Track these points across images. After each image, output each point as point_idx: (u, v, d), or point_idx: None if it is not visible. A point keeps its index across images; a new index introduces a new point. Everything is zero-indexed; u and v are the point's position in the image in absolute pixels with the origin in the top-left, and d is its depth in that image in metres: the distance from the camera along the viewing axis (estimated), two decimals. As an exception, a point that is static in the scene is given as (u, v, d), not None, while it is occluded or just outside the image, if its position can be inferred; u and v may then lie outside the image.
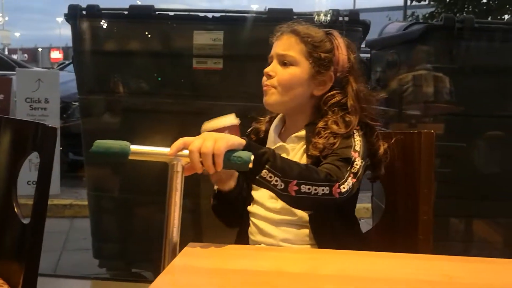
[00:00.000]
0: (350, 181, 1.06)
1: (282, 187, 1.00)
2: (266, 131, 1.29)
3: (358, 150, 1.12)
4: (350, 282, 0.86)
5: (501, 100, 2.42)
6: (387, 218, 1.36)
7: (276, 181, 0.99)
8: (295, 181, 1.00)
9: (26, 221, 1.24)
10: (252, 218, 1.23)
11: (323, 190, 1.02)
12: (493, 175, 2.42)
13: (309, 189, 1.00)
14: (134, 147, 0.97)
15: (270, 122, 1.30)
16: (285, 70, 1.20)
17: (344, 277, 0.88)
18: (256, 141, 1.24)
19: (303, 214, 1.16)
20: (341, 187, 1.04)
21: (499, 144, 2.43)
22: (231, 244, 1.08)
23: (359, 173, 1.09)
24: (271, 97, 1.21)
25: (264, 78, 1.23)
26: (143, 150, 0.99)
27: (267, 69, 1.22)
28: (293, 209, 1.15)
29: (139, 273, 2.54)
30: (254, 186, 1.21)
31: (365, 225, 2.19)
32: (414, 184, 1.27)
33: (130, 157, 0.96)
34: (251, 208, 1.24)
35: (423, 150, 1.26)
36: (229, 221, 1.30)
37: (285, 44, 1.21)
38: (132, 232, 2.44)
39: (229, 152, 0.97)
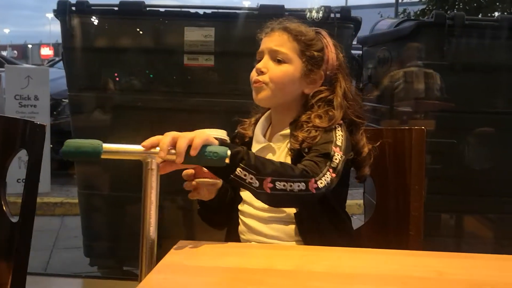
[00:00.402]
0: (328, 176, 1.05)
1: (257, 184, 0.99)
2: (251, 135, 1.28)
3: (340, 145, 1.12)
4: (340, 279, 0.86)
5: (491, 97, 2.44)
6: (378, 214, 1.36)
7: (251, 178, 0.99)
8: (269, 178, 0.99)
9: (14, 219, 1.23)
10: (241, 217, 1.23)
11: (298, 186, 1.01)
12: (483, 171, 2.44)
13: (284, 185, 1.00)
14: (106, 146, 0.95)
15: (256, 124, 1.28)
16: (278, 67, 1.19)
17: (334, 274, 0.88)
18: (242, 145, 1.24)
19: (291, 211, 1.16)
20: (318, 182, 1.03)
21: (489, 141, 2.45)
22: (221, 242, 1.08)
23: (338, 167, 1.08)
24: (263, 93, 1.20)
25: (254, 73, 1.21)
26: (116, 148, 0.97)
27: (259, 65, 1.20)
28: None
29: (131, 271, 2.53)
30: None
31: (357, 221, 2.20)
32: (405, 180, 1.27)
33: (103, 156, 0.95)
34: (241, 207, 1.23)
35: (414, 146, 1.27)
36: (215, 224, 1.30)
37: (277, 41, 1.20)
38: (123, 230, 2.43)
39: (205, 147, 0.96)
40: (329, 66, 1.22)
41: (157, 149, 0.96)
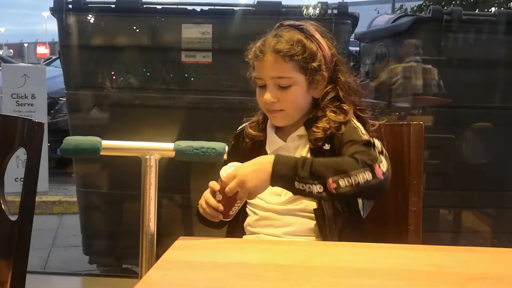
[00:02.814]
0: (382, 159, 1.05)
1: (322, 189, 1.01)
2: (262, 131, 1.26)
3: (365, 133, 1.13)
4: (341, 273, 0.86)
5: (488, 92, 2.44)
6: (377, 210, 1.36)
7: (312, 187, 1.01)
8: (330, 179, 1.01)
9: (13, 218, 1.22)
10: (254, 210, 1.20)
11: (364, 177, 1.01)
12: (481, 166, 2.45)
13: (348, 181, 1.01)
14: (105, 143, 0.95)
15: (264, 123, 1.27)
16: (287, 93, 1.17)
17: (335, 268, 0.88)
18: (253, 146, 1.23)
19: (310, 202, 1.15)
20: (381, 165, 1.03)
21: (487, 135, 2.46)
22: (221, 237, 1.08)
23: (383, 150, 1.08)
24: (282, 120, 1.20)
25: (263, 101, 1.19)
26: (115, 145, 0.98)
27: (267, 97, 1.17)
28: (291, 200, 1.15)
29: (130, 268, 2.53)
30: None
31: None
32: (403, 176, 1.27)
33: (102, 153, 0.95)
34: (253, 200, 1.19)
35: (413, 141, 1.27)
36: (214, 226, 1.24)
37: (275, 68, 1.17)
38: (122, 228, 2.43)
39: (201, 144, 0.96)
40: (327, 64, 1.21)
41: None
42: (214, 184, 1.10)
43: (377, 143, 1.09)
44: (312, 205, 1.15)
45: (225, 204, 1.08)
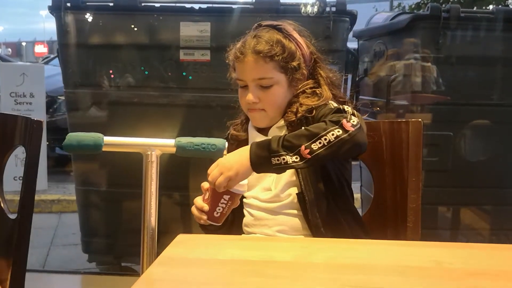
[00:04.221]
0: (353, 117, 1.05)
1: (298, 159, 1.02)
2: (245, 131, 1.29)
3: (337, 105, 1.13)
4: (340, 270, 0.86)
5: (487, 89, 2.45)
6: (376, 207, 1.37)
7: (287, 157, 1.02)
8: (303, 146, 1.02)
9: (13, 216, 1.22)
10: (248, 209, 1.24)
11: (333, 134, 1.02)
12: (479, 163, 2.45)
13: (320, 142, 1.02)
14: (107, 139, 0.96)
15: (247, 123, 1.29)
16: (268, 93, 1.19)
17: (334, 265, 0.89)
18: (238, 147, 1.23)
19: (292, 192, 1.17)
20: (350, 120, 1.04)
21: (485, 133, 2.46)
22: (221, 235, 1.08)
23: (356, 113, 1.08)
24: (263, 120, 1.22)
25: (245, 101, 1.21)
26: (117, 141, 0.98)
27: (249, 98, 1.19)
28: (280, 194, 1.17)
29: (129, 267, 2.53)
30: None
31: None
32: (402, 173, 1.27)
33: (104, 149, 0.96)
34: (247, 200, 1.24)
35: (411, 138, 1.27)
36: (212, 231, 1.28)
37: (256, 68, 1.18)
38: (121, 226, 2.43)
39: (201, 140, 0.97)
40: (306, 62, 1.23)
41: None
42: (204, 184, 1.12)
43: (348, 108, 1.10)
44: (294, 194, 1.17)
45: (210, 202, 1.09)
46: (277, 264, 0.89)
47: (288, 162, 1.03)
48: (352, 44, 3.15)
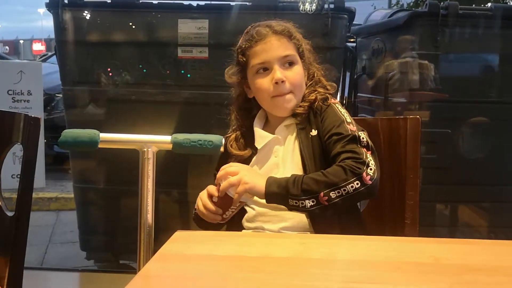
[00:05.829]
0: (370, 158, 1.08)
1: (315, 203, 1.05)
2: (248, 131, 1.26)
3: (350, 121, 1.15)
4: (337, 265, 0.86)
5: (485, 86, 2.45)
6: (374, 204, 1.37)
7: (307, 202, 1.05)
8: (322, 193, 1.04)
9: (10, 214, 1.22)
10: (252, 205, 1.21)
11: (352, 186, 1.04)
12: (477, 161, 2.45)
13: (338, 192, 1.04)
14: (103, 135, 0.96)
15: (243, 137, 1.26)
16: (293, 71, 1.20)
17: (332, 261, 0.89)
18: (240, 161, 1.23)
19: None
20: (368, 170, 1.06)
21: (483, 130, 2.46)
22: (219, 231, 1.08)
23: (370, 144, 1.11)
24: (291, 103, 1.20)
25: (270, 85, 1.18)
26: (113, 138, 0.98)
27: (278, 76, 1.17)
28: None
29: (127, 264, 2.53)
30: None
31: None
32: (400, 170, 1.28)
33: (100, 146, 0.96)
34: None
35: (409, 135, 1.27)
36: (211, 229, 1.26)
37: (281, 46, 1.19)
38: (119, 224, 2.43)
39: (198, 136, 0.97)
40: (308, 53, 1.26)
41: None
42: (211, 189, 1.11)
43: (362, 135, 1.11)
44: None
45: (221, 206, 1.10)
46: (275, 260, 0.89)
47: (306, 207, 1.06)
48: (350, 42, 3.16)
